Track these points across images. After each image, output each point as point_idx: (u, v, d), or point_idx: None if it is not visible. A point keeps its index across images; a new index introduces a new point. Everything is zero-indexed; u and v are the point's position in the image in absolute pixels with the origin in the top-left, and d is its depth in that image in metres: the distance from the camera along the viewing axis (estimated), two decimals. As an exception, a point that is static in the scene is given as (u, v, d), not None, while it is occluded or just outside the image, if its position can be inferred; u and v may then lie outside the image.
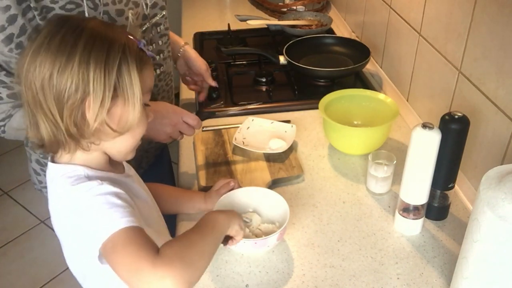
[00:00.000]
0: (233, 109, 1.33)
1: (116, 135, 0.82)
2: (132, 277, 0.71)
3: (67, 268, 0.93)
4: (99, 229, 0.74)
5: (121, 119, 0.82)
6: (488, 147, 1.03)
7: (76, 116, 0.78)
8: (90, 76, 0.77)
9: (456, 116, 0.94)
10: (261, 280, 0.93)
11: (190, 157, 1.28)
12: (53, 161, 0.85)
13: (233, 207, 1.02)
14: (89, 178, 0.80)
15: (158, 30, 1.22)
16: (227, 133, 1.33)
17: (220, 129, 1.36)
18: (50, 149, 0.83)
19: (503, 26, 0.93)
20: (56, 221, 0.85)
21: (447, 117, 0.94)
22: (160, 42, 1.24)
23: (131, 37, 0.83)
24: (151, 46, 1.21)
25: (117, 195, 0.78)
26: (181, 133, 1.16)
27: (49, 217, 0.82)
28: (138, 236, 0.74)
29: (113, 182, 0.81)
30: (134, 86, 0.80)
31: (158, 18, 1.20)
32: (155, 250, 0.72)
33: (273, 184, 1.16)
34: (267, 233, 0.97)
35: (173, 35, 1.39)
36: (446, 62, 1.16)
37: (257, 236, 0.98)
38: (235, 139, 1.27)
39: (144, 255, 0.71)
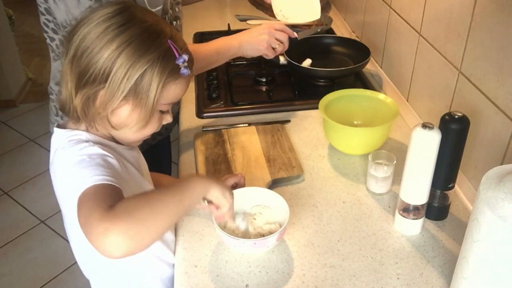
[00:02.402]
0: (233, 109, 1.34)
1: (114, 130, 0.86)
2: (83, 229, 0.69)
3: (67, 268, 0.94)
4: (76, 185, 0.75)
5: (124, 120, 0.85)
6: (488, 147, 1.03)
7: (86, 100, 0.82)
8: (111, 73, 0.79)
9: (456, 116, 0.94)
10: (261, 280, 0.93)
11: (190, 157, 1.28)
12: (61, 126, 0.89)
13: (240, 211, 1.02)
14: (88, 142, 0.84)
15: None
16: (227, 133, 1.33)
17: (220, 129, 1.36)
18: (61, 108, 0.87)
19: (503, 26, 0.93)
20: (54, 182, 0.89)
21: (447, 117, 0.94)
22: (176, 9, 1.31)
23: (174, 49, 0.83)
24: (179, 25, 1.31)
25: (102, 157, 0.80)
26: (279, 42, 1.30)
27: (49, 217, 0.82)
28: (105, 191, 0.73)
29: (107, 148, 0.84)
30: (149, 97, 0.82)
31: None
32: (111, 205, 0.70)
33: (273, 184, 1.16)
34: (267, 233, 0.97)
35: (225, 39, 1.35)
36: (446, 62, 1.16)
37: (257, 236, 0.98)
38: (277, 14, 1.39)
39: (98, 208, 0.69)
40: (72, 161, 0.79)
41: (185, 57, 0.84)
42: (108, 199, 0.71)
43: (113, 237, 0.66)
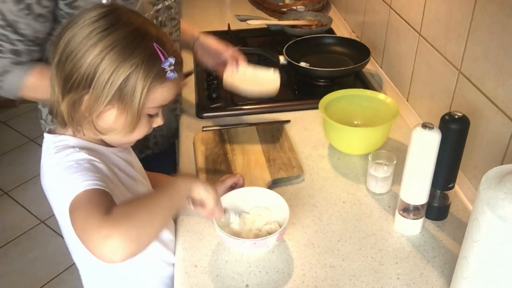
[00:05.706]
0: (233, 109, 1.33)
1: (101, 135, 0.86)
2: (82, 236, 0.71)
3: (67, 268, 0.94)
4: (67, 191, 0.75)
5: (111, 125, 0.84)
6: (488, 147, 1.03)
7: (72, 105, 0.81)
8: (95, 78, 0.79)
9: (456, 116, 0.94)
10: (261, 280, 0.93)
11: (190, 157, 1.28)
12: (50, 131, 0.89)
13: (233, 207, 1.02)
14: (74, 148, 0.83)
15: (170, 13, 1.27)
16: (227, 133, 1.33)
17: (220, 129, 1.36)
18: (50, 111, 0.88)
19: (503, 26, 0.93)
20: (45, 187, 0.89)
21: (447, 117, 0.95)
22: (170, 25, 1.28)
23: (160, 52, 0.81)
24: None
25: (89, 162, 0.80)
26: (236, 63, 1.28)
27: (49, 217, 0.82)
28: (97, 197, 0.74)
29: (95, 153, 0.84)
30: (134, 101, 0.81)
31: (171, 1, 1.24)
32: (107, 211, 0.71)
33: (273, 184, 1.16)
34: (267, 234, 0.97)
35: (187, 26, 1.39)
36: (446, 62, 1.16)
37: (257, 236, 0.98)
38: (225, 81, 1.31)
39: (95, 214, 0.71)
40: (60, 167, 0.80)
41: (171, 60, 0.82)
42: (102, 205, 0.72)
43: (113, 243, 0.68)
